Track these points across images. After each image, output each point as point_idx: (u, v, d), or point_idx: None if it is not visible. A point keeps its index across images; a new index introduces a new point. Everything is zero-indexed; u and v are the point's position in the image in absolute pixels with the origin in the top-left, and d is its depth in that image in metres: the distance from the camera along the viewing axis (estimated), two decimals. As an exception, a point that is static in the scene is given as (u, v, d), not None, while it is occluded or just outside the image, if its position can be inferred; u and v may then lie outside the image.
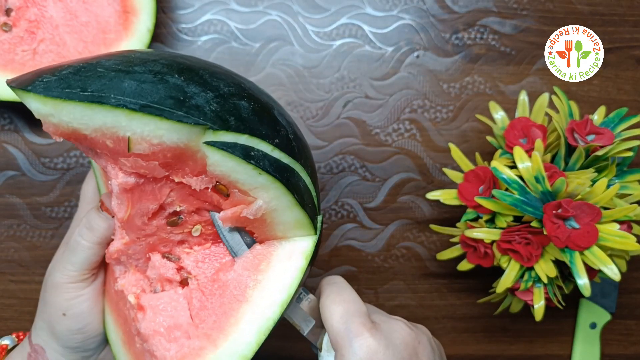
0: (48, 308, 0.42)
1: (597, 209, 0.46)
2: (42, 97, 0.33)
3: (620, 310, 0.62)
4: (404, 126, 0.59)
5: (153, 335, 0.40)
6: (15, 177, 0.58)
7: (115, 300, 0.43)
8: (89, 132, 0.35)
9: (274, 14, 0.58)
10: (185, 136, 0.35)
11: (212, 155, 0.35)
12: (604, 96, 0.60)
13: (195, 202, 0.40)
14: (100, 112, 0.33)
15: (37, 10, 0.52)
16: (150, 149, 0.35)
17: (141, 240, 0.41)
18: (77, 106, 0.33)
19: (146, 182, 0.38)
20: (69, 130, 0.35)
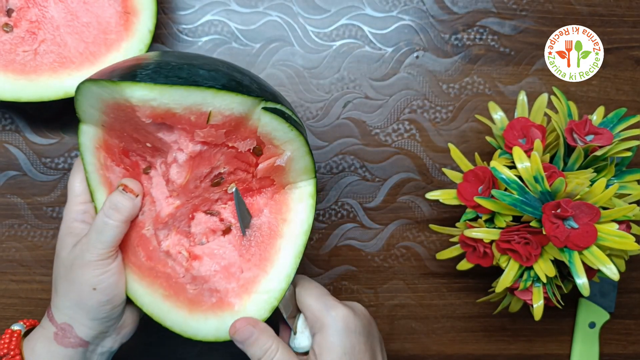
0: (77, 286, 0.46)
1: (596, 209, 0.46)
2: (150, 85, 0.42)
3: (619, 309, 0.62)
4: (404, 126, 0.60)
5: (213, 275, 0.49)
6: (16, 177, 0.58)
7: (149, 266, 0.49)
8: (180, 110, 0.43)
9: (274, 15, 0.58)
10: (248, 107, 0.45)
11: (264, 118, 0.46)
12: (602, 96, 0.60)
13: (236, 163, 0.49)
14: (195, 92, 0.43)
15: (38, 11, 0.52)
16: (222, 120, 0.45)
17: (189, 203, 0.49)
18: (178, 90, 0.42)
19: (207, 149, 0.46)
20: (163, 111, 0.43)
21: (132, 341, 0.53)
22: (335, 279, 0.60)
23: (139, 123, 0.45)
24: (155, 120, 0.44)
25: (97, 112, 0.46)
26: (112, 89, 0.43)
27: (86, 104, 0.46)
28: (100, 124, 0.48)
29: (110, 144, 0.49)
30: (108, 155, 0.49)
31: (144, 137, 0.47)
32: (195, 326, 0.49)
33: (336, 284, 0.60)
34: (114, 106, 0.45)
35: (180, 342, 0.61)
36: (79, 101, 0.47)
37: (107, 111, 0.46)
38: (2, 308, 0.59)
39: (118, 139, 0.48)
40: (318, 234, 0.60)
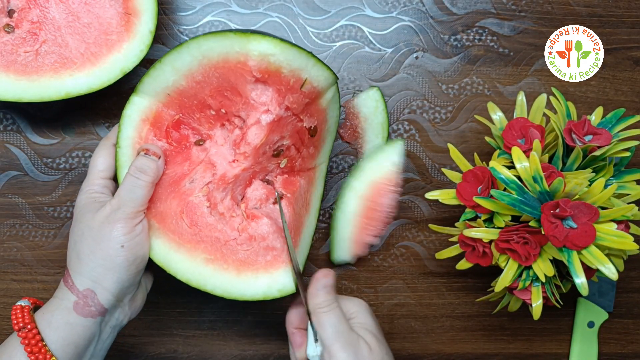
0: (105, 244, 0.47)
1: (595, 209, 0.46)
2: (276, 40, 0.48)
3: (618, 309, 0.63)
4: (404, 127, 0.60)
5: (272, 233, 0.52)
6: (17, 177, 0.58)
7: (193, 232, 0.52)
8: (287, 71, 0.48)
9: (275, 16, 0.59)
10: (328, 83, 0.50)
11: (330, 93, 0.52)
12: (601, 97, 0.60)
13: (295, 139, 0.53)
14: (304, 56, 0.48)
15: (40, 12, 0.53)
16: (310, 90, 0.50)
17: (252, 168, 0.53)
18: (295, 50, 0.48)
19: (287, 117, 0.51)
20: (274, 68, 0.48)
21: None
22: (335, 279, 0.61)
23: (237, 79, 0.49)
24: (263, 76, 0.49)
25: (175, 77, 0.49)
26: (237, 40, 0.47)
27: (169, 68, 0.49)
28: (167, 93, 0.50)
29: (161, 116, 0.51)
30: (153, 128, 0.51)
31: (223, 99, 0.51)
32: (242, 287, 0.51)
33: (336, 284, 0.61)
34: (217, 63, 0.48)
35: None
36: (156, 69, 0.49)
37: (197, 71, 0.49)
38: (3, 307, 0.60)
39: (177, 109, 0.51)
40: (318, 233, 0.60)
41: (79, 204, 0.50)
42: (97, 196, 0.50)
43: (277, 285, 0.51)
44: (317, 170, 0.55)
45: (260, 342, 0.61)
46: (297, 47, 0.48)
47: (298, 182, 0.54)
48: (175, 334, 0.60)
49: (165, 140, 0.51)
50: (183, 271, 0.51)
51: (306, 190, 0.55)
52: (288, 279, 0.51)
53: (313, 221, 0.55)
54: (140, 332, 0.60)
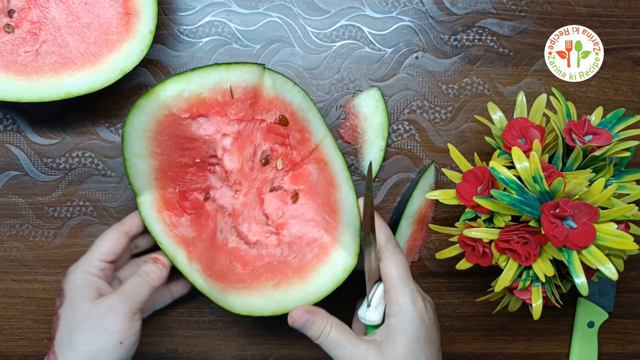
0: (104, 337, 0.47)
1: (595, 209, 0.46)
2: (175, 77, 0.50)
3: (618, 309, 0.63)
4: (403, 127, 0.60)
5: (305, 228, 0.54)
6: (17, 177, 0.58)
7: (250, 271, 0.54)
8: (207, 93, 0.50)
9: (275, 16, 0.59)
10: (257, 75, 0.51)
11: (269, 78, 0.52)
12: (601, 97, 0.60)
13: (272, 138, 0.54)
14: (210, 71, 0.50)
15: (40, 12, 0.53)
16: (242, 92, 0.51)
17: (252, 187, 0.55)
18: (197, 72, 0.50)
19: (244, 127, 0.52)
20: (194, 100, 0.50)
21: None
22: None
23: (180, 129, 0.51)
24: (191, 113, 0.50)
25: (145, 162, 0.52)
26: (150, 99, 0.49)
27: (135, 158, 0.51)
28: (152, 178, 0.53)
29: (168, 198, 0.54)
30: (170, 211, 0.54)
31: (189, 152, 0.53)
32: (312, 289, 0.52)
33: (336, 284, 0.61)
34: (155, 129, 0.50)
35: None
36: (129, 167, 0.51)
37: (152, 146, 0.51)
38: (3, 308, 0.60)
39: (171, 185, 0.54)
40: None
41: (73, 283, 0.50)
42: (94, 280, 0.50)
43: (338, 267, 0.52)
44: (321, 146, 0.55)
45: (260, 342, 0.61)
46: (201, 67, 0.50)
47: (306, 171, 0.55)
48: (175, 334, 0.60)
49: (185, 214, 0.54)
50: (264, 308, 0.53)
51: (322, 171, 0.54)
52: (343, 257, 0.52)
53: (349, 191, 0.54)
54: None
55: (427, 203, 0.60)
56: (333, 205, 0.54)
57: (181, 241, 0.54)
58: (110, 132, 0.59)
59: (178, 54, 0.58)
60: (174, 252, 0.53)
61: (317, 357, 0.61)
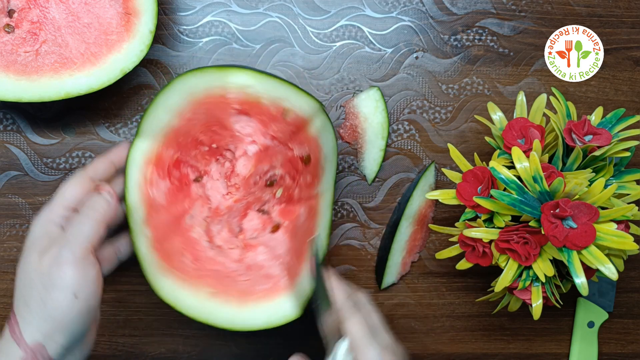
0: (57, 294, 0.43)
1: (595, 209, 0.46)
2: (252, 72, 0.50)
3: (618, 309, 0.63)
4: (403, 127, 0.60)
5: (268, 261, 0.53)
6: (17, 177, 0.59)
7: (196, 267, 0.53)
8: (267, 101, 0.50)
9: (275, 16, 0.59)
10: (313, 111, 0.51)
11: (318, 120, 0.52)
12: (601, 97, 0.60)
13: (288, 167, 0.54)
14: (283, 86, 0.50)
15: (40, 12, 0.53)
16: (294, 119, 0.51)
17: (245, 199, 0.54)
18: (272, 81, 0.50)
19: (273, 146, 0.53)
20: (253, 99, 0.50)
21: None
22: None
23: (221, 113, 0.51)
24: (244, 108, 0.50)
25: (169, 116, 0.51)
26: (216, 75, 0.49)
27: (162, 108, 0.50)
28: (163, 133, 0.51)
29: (162, 157, 0.52)
30: (156, 169, 0.52)
31: (212, 135, 0.53)
32: (245, 317, 0.52)
33: (336, 284, 0.61)
34: (202, 99, 0.50)
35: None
36: (151, 111, 0.50)
37: (186, 109, 0.50)
38: (3, 307, 0.60)
39: (175, 148, 0.53)
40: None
41: (32, 234, 0.46)
42: (53, 230, 0.46)
43: (280, 312, 0.52)
44: (320, 198, 0.54)
45: (260, 342, 0.61)
46: (277, 77, 0.50)
47: (297, 211, 0.55)
48: (175, 334, 0.60)
49: (168, 180, 0.53)
50: (190, 307, 0.52)
51: (308, 219, 0.54)
52: (290, 305, 0.52)
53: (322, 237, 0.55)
54: (140, 332, 0.60)
55: (427, 203, 0.60)
56: (302, 254, 0.53)
57: (148, 201, 0.52)
58: (110, 132, 0.59)
59: (178, 54, 0.58)
60: (135, 208, 0.51)
61: (317, 358, 0.61)
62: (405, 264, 0.60)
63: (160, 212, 0.52)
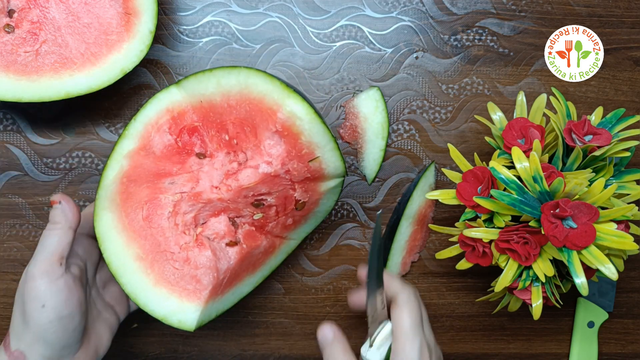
0: (29, 305, 0.45)
1: (595, 209, 0.46)
2: (311, 110, 0.49)
3: (618, 309, 0.63)
4: (403, 127, 0.60)
5: (207, 267, 0.51)
6: (17, 177, 0.59)
7: (142, 225, 0.52)
8: (304, 140, 0.50)
9: (275, 16, 0.59)
10: (336, 174, 0.52)
11: (333, 182, 0.53)
12: (601, 97, 0.61)
13: (280, 202, 0.53)
14: (326, 137, 0.50)
15: (40, 12, 0.53)
16: (316, 167, 0.51)
17: (228, 203, 0.53)
18: (321, 126, 0.49)
19: (285, 178, 0.51)
20: (293, 130, 0.49)
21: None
22: (335, 279, 0.61)
23: (258, 123, 0.50)
24: (283, 132, 0.50)
25: (217, 90, 0.50)
26: (280, 90, 0.49)
27: (214, 80, 0.50)
28: (202, 98, 0.51)
29: (184, 116, 0.52)
30: (172, 121, 0.51)
31: (238, 132, 0.52)
32: (151, 298, 0.50)
33: (336, 284, 0.61)
34: (254, 99, 0.50)
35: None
36: (208, 74, 0.50)
37: (235, 96, 0.50)
38: (3, 308, 0.60)
39: (201, 118, 0.52)
40: (318, 233, 0.60)
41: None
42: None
43: (181, 315, 0.50)
44: (284, 242, 0.55)
45: (260, 342, 0.61)
46: (326, 126, 0.50)
47: (260, 241, 0.54)
48: (175, 334, 0.61)
49: (174, 137, 0.52)
50: (112, 253, 0.50)
51: (263, 253, 0.54)
52: (193, 317, 0.50)
53: (252, 284, 0.55)
54: (140, 332, 0.60)
55: (427, 203, 0.60)
56: (235, 280, 0.53)
57: (143, 141, 0.52)
58: (110, 132, 0.59)
59: (178, 54, 0.58)
60: (130, 136, 0.51)
61: (317, 358, 0.61)
62: (405, 264, 0.60)
63: (149, 157, 0.51)
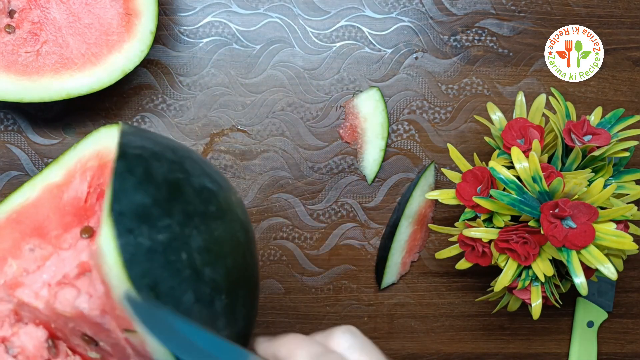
0: None
1: (594, 209, 0.46)
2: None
3: (617, 309, 0.63)
4: (403, 127, 0.60)
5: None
6: (18, 178, 0.59)
7: None
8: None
9: (275, 16, 0.59)
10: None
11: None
12: (600, 97, 0.61)
13: (117, 353, 0.38)
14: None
15: (40, 12, 0.53)
16: (135, 342, 0.35)
17: (46, 316, 0.39)
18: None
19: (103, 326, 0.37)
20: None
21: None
22: (335, 278, 0.61)
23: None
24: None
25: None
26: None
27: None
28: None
29: (107, 166, 0.41)
30: (97, 170, 0.42)
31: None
32: None
33: (336, 283, 0.61)
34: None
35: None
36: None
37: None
38: (4, 307, 0.60)
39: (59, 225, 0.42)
40: (318, 233, 0.60)
41: None
42: None
43: None
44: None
45: (260, 341, 0.61)
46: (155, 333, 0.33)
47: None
48: (175, 333, 0.61)
49: (88, 191, 0.42)
50: None
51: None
52: None
53: None
54: (140, 331, 0.60)
55: (426, 203, 0.60)
56: None
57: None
58: (111, 132, 0.59)
59: (178, 54, 0.58)
60: None
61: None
62: (405, 264, 0.60)
63: (54, 200, 0.43)
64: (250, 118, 0.59)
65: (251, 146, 0.59)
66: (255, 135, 0.59)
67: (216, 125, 0.59)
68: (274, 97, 0.59)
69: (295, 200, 0.60)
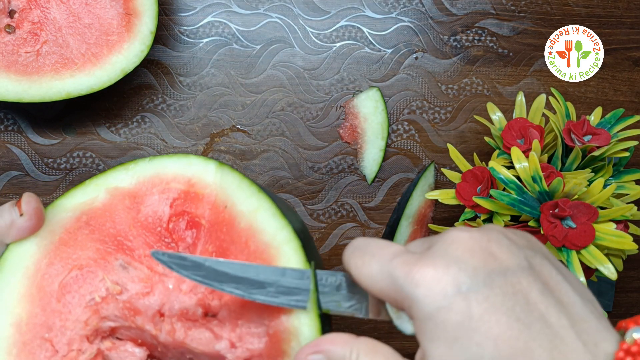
0: None
1: (594, 209, 0.46)
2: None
3: (617, 309, 0.63)
4: (403, 127, 0.60)
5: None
6: (18, 178, 0.59)
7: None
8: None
9: (275, 16, 0.59)
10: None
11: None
12: (600, 97, 0.61)
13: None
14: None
15: (40, 12, 0.53)
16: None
17: (156, 341, 0.38)
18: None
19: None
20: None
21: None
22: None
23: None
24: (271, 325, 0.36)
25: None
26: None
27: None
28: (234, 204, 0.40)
29: (203, 198, 0.40)
30: (182, 194, 0.40)
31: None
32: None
33: (336, 284, 0.61)
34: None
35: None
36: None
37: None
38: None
39: (212, 221, 0.39)
40: (318, 233, 0.60)
41: None
42: None
43: None
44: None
45: (260, 341, 0.61)
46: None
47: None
48: (175, 333, 0.61)
49: (170, 214, 0.39)
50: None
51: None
52: None
53: None
54: (140, 331, 0.61)
55: (426, 203, 0.60)
56: None
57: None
58: (111, 132, 0.59)
59: (178, 54, 0.59)
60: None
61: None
62: None
63: (128, 212, 0.39)
64: (250, 118, 0.59)
65: (251, 146, 0.59)
66: (255, 135, 0.59)
67: (216, 125, 0.59)
68: (274, 97, 0.59)
69: (295, 200, 0.60)
